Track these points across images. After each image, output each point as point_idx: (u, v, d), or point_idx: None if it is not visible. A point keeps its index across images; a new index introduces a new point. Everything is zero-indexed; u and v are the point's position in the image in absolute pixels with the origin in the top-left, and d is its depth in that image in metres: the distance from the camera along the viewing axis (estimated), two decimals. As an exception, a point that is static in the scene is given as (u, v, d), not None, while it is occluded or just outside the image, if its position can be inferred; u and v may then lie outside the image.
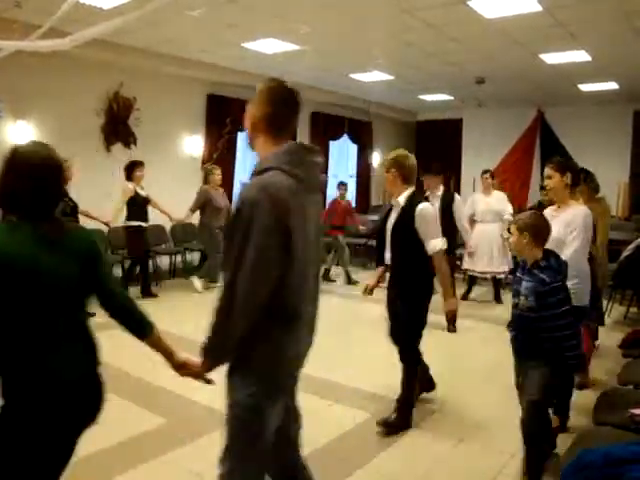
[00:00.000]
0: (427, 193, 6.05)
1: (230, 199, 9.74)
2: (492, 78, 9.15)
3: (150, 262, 7.59)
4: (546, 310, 2.79)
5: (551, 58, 7.72)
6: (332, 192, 12.38)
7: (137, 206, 6.93)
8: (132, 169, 6.91)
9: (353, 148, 13.05)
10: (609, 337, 5.28)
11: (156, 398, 4.03)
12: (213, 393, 2.87)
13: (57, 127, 7.19)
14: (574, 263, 3.18)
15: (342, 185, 9.13)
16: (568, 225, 3.37)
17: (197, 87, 9.16)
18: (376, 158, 13.53)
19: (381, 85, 10.13)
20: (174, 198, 7.71)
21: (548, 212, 3.57)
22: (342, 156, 12.93)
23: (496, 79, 9.21)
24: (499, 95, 10.73)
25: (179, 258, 8.69)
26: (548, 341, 2.82)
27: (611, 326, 5.97)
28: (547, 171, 3.54)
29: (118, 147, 8.07)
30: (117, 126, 8.00)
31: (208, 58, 8.36)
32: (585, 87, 9.83)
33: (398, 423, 3.62)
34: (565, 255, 3.15)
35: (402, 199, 3.62)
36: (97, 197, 6.99)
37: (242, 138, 10.17)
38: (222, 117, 9.45)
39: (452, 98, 11.66)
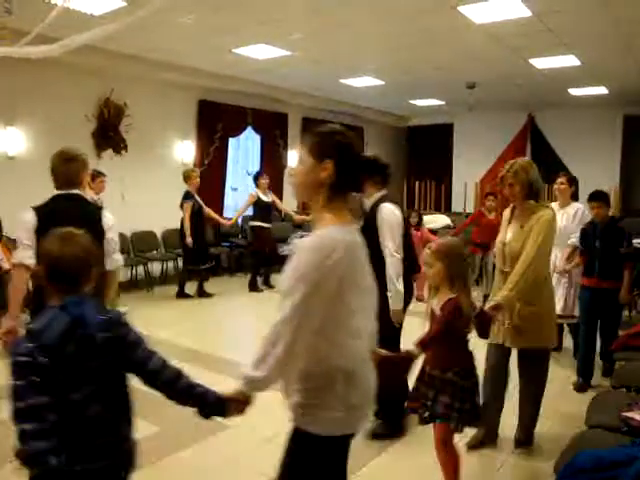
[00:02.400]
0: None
1: (221, 207, 9.76)
2: (483, 83, 9.20)
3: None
4: None
5: (541, 63, 7.78)
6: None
7: (260, 209, 8.06)
8: (257, 178, 8.12)
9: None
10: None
11: (148, 407, 4.00)
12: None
13: (47, 133, 7.16)
14: (276, 338, 1.66)
15: (491, 196, 7.57)
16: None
17: (188, 93, 9.14)
18: (368, 163, 13.55)
19: (372, 90, 10.15)
20: (165, 204, 7.70)
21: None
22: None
23: (487, 84, 9.26)
24: (490, 100, 10.79)
25: (170, 264, 8.64)
26: None
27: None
28: (300, 152, 1.90)
29: (109, 153, 8.03)
30: (108, 132, 7.97)
31: (199, 64, 8.35)
32: (575, 91, 9.92)
33: None
34: (274, 322, 1.69)
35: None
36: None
37: (233, 144, 10.17)
38: (213, 123, 9.44)
39: (443, 103, 11.71)
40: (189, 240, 7.16)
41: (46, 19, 4.15)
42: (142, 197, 7.72)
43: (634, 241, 6.11)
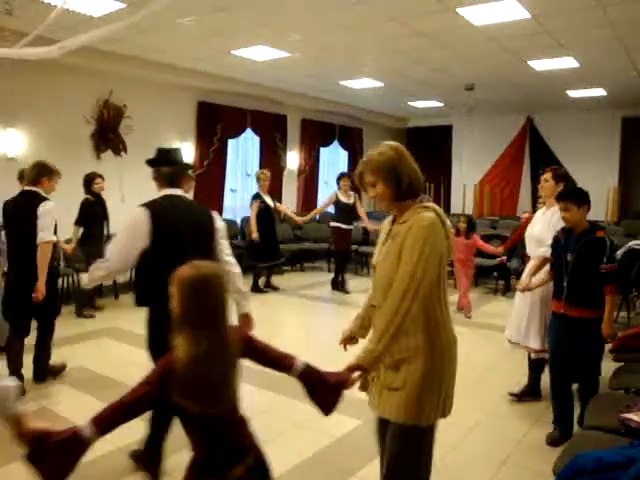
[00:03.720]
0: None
1: (221, 207, 9.76)
2: (481, 84, 9.22)
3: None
4: None
5: (539, 65, 7.80)
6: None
7: (340, 210, 8.29)
8: (339, 179, 8.38)
9: (344, 155, 13.07)
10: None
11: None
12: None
13: (47, 135, 7.17)
14: None
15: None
16: None
17: (187, 94, 9.15)
18: (367, 164, 13.56)
19: (371, 92, 10.17)
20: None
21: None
22: (332, 163, 12.95)
23: (485, 85, 9.28)
24: (488, 101, 10.81)
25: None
26: None
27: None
28: None
29: (108, 154, 8.03)
30: (107, 133, 7.97)
31: (198, 65, 8.36)
32: (573, 93, 9.93)
33: None
34: None
35: None
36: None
37: (232, 145, 10.17)
38: (213, 124, 9.45)
39: (442, 105, 11.73)
40: (254, 236, 7.66)
41: (46, 20, 4.15)
42: (141, 199, 7.65)
43: (634, 242, 5.97)
